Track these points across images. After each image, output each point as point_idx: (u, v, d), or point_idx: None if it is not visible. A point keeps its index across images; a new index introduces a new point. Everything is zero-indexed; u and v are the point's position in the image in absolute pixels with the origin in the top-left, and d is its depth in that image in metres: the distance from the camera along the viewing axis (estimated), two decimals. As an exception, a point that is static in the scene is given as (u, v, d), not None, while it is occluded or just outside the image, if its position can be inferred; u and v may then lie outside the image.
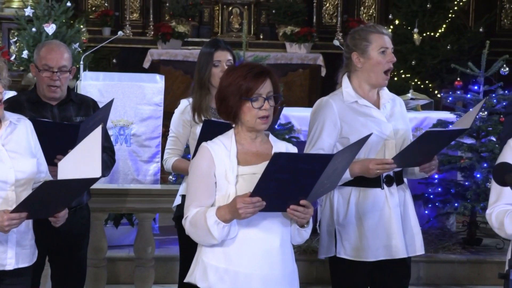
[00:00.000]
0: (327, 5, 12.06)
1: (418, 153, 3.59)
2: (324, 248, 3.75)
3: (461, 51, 10.82)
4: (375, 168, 3.53)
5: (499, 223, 3.16)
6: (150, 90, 6.33)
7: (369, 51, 3.67)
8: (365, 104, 3.70)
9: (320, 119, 3.67)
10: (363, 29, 3.74)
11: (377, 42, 3.67)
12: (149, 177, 6.37)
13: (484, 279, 6.04)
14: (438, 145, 3.73)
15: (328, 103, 3.69)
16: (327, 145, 3.65)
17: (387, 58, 3.69)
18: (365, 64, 3.69)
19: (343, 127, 3.66)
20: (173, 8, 11.44)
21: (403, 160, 3.58)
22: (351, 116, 3.67)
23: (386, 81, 3.72)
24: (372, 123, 3.67)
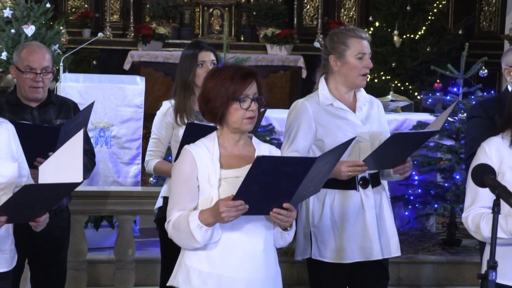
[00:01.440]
0: (308, 7, 12.09)
1: (389, 155, 3.60)
2: (300, 250, 3.76)
3: (441, 53, 10.89)
4: (346, 170, 3.55)
5: (476, 226, 3.18)
6: (130, 92, 6.31)
7: (346, 56, 3.68)
8: (340, 107, 3.71)
9: (295, 121, 3.69)
10: (342, 32, 3.74)
11: (355, 47, 3.67)
12: (130, 179, 6.35)
13: (463, 280, 6.08)
14: (410, 147, 3.73)
15: (304, 106, 3.70)
16: (302, 147, 3.67)
17: (363, 64, 3.69)
18: (341, 67, 3.70)
19: (318, 130, 3.67)
20: (153, 9, 11.42)
21: (375, 162, 3.59)
22: (326, 119, 3.68)
23: (364, 82, 3.73)
24: (347, 126, 3.68)
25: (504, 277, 3.11)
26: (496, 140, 3.24)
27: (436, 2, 11.18)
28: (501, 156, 3.19)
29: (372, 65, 3.73)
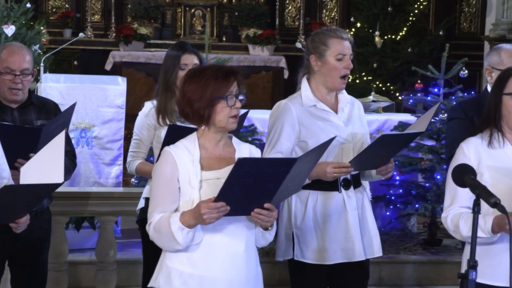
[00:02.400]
0: (290, 7, 12.11)
1: (374, 156, 3.62)
2: (281, 251, 3.76)
3: (422, 54, 10.95)
4: (332, 171, 3.55)
5: (455, 226, 3.20)
6: (112, 92, 6.29)
7: (326, 56, 3.68)
8: (323, 108, 3.72)
9: (279, 122, 3.69)
10: (323, 32, 3.74)
11: (335, 48, 3.67)
12: (111, 180, 6.33)
13: (444, 279, 6.12)
14: (394, 148, 3.75)
15: (287, 106, 3.70)
16: (285, 148, 3.67)
17: (343, 65, 3.69)
18: (322, 68, 3.71)
19: (302, 131, 3.68)
20: (135, 10, 11.39)
21: (360, 164, 3.60)
22: (310, 120, 3.69)
23: (343, 85, 3.74)
24: (330, 127, 3.69)
25: (484, 276, 3.13)
26: (475, 141, 3.26)
27: (417, 3, 11.23)
28: (480, 156, 3.21)
29: (352, 66, 3.73)
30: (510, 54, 4.12)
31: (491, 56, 4.19)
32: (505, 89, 3.22)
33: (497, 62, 4.11)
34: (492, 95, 3.29)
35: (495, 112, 3.24)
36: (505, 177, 3.16)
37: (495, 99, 3.25)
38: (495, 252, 3.14)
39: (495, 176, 3.17)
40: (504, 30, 9.30)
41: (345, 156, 3.67)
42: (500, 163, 3.19)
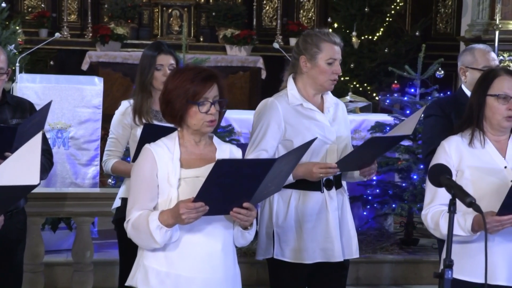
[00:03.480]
0: (267, 8, 12.12)
1: (360, 157, 3.63)
2: (262, 250, 3.76)
3: (398, 54, 11.00)
4: (318, 172, 3.56)
5: (435, 223, 3.23)
6: (88, 93, 6.26)
7: (318, 59, 3.68)
8: (310, 107, 3.72)
9: (264, 120, 3.67)
10: (316, 34, 3.71)
11: (327, 52, 3.67)
12: (88, 181, 6.29)
13: (420, 279, 6.15)
14: (380, 150, 3.78)
15: (274, 104, 3.69)
16: (270, 146, 3.66)
17: (333, 69, 3.69)
18: (311, 69, 3.70)
19: (287, 129, 3.67)
20: (111, 9, 11.34)
21: (346, 165, 3.62)
22: (296, 119, 3.68)
23: (332, 85, 3.74)
24: (316, 127, 3.69)
25: (462, 273, 3.17)
26: (456, 139, 3.29)
27: (394, 4, 11.29)
28: (461, 154, 3.24)
29: (340, 72, 3.74)
30: (483, 53, 4.19)
31: (465, 56, 4.25)
32: (489, 90, 3.24)
33: (471, 61, 4.17)
34: (475, 95, 3.31)
35: (479, 112, 3.27)
36: (486, 175, 3.19)
37: (478, 100, 3.27)
38: (476, 249, 3.17)
39: (476, 174, 3.20)
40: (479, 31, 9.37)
41: (329, 157, 3.67)
42: (481, 162, 3.22)
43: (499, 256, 3.15)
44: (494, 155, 3.25)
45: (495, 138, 3.28)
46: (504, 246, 3.16)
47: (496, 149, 3.26)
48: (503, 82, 3.23)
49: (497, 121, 3.24)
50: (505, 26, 9.08)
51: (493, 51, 4.33)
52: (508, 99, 3.21)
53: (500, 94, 3.22)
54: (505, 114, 3.22)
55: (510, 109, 3.21)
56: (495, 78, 3.25)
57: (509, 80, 3.24)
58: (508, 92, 3.22)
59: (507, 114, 3.22)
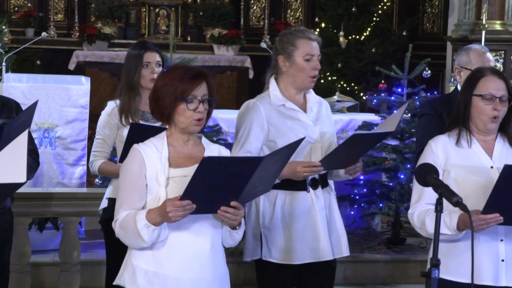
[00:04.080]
0: (255, 7, 12.12)
1: (344, 155, 3.63)
2: (249, 251, 3.76)
3: (385, 54, 11.03)
4: (302, 171, 3.56)
5: (421, 222, 3.24)
6: (75, 92, 6.24)
7: (295, 57, 3.68)
8: (292, 107, 3.72)
9: (247, 121, 3.68)
10: (292, 33, 3.74)
11: (304, 48, 3.68)
12: (75, 181, 6.27)
13: (407, 278, 6.16)
14: (364, 148, 3.78)
15: (256, 106, 3.69)
16: (254, 147, 3.66)
17: (311, 65, 3.70)
18: (290, 68, 3.71)
19: (270, 130, 3.67)
20: (98, 9, 11.32)
21: (330, 163, 3.62)
22: (278, 120, 3.68)
23: (312, 83, 3.75)
24: (299, 127, 3.69)
25: (449, 273, 3.18)
26: (443, 139, 3.30)
27: (381, 4, 11.32)
28: (447, 154, 3.25)
29: (320, 66, 3.74)
30: (478, 54, 4.23)
31: (461, 56, 4.29)
32: (475, 90, 3.26)
33: (465, 61, 4.21)
34: (461, 95, 3.33)
35: (464, 112, 3.28)
36: (472, 175, 3.20)
37: (464, 100, 3.29)
38: (461, 249, 3.18)
39: (462, 174, 3.21)
40: (466, 31, 9.41)
41: (314, 156, 3.68)
42: (468, 162, 3.24)
43: (485, 255, 3.17)
44: (481, 155, 3.26)
45: (482, 138, 3.30)
46: (489, 245, 3.17)
47: (483, 148, 3.28)
48: (488, 82, 3.25)
49: (483, 122, 3.25)
50: (492, 26, 9.12)
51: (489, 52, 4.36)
52: (493, 99, 3.22)
53: (485, 95, 3.23)
54: (491, 114, 3.23)
55: (495, 109, 3.22)
56: (481, 78, 3.26)
57: (495, 80, 3.25)
58: (494, 92, 3.23)
59: (493, 114, 3.22)
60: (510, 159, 3.24)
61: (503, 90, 3.24)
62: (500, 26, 9.28)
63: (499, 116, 3.24)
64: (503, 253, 3.18)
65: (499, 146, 3.30)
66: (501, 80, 3.26)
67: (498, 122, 3.25)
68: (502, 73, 3.38)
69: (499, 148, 3.29)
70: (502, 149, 3.29)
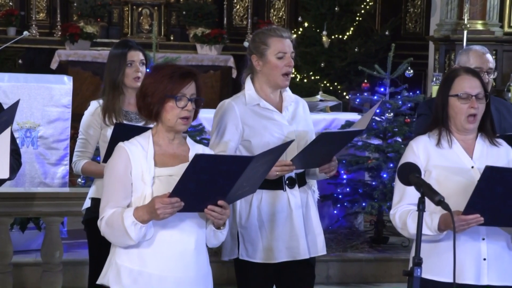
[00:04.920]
0: (238, 7, 12.12)
1: (316, 154, 3.64)
2: (227, 250, 3.76)
3: (368, 54, 11.06)
4: (274, 169, 3.56)
5: (402, 223, 3.25)
6: (57, 92, 6.21)
7: (267, 55, 3.70)
8: (267, 107, 3.73)
9: (222, 121, 3.69)
10: (263, 32, 3.76)
11: (276, 46, 3.69)
12: (57, 180, 6.24)
13: (390, 277, 6.19)
14: (336, 146, 3.78)
15: (230, 106, 3.71)
16: (229, 147, 3.67)
17: (284, 63, 3.71)
18: (263, 67, 3.72)
19: (245, 130, 3.69)
20: (81, 8, 11.27)
21: (302, 162, 3.62)
22: (253, 119, 3.70)
23: (286, 82, 3.75)
24: (274, 126, 3.70)
25: (431, 272, 3.19)
26: (424, 139, 3.32)
27: (364, 4, 11.35)
28: (428, 154, 3.27)
29: (293, 64, 3.75)
30: (478, 54, 4.32)
31: (461, 56, 4.39)
32: (450, 91, 3.27)
33: (465, 61, 4.29)
34: (439, 96, 3.35)
35: (442, 113, 3.30)
36: (453, 175, 3.22)
37: (442, 100, 3.31)
38: (443, 249, 3.20)
39: (443, 174, 3.23)
40: (448, 31, 9.47)
41: (290, 155, 3.68)
42: (449, 162, 3.25)
43: (467, 254, 3.18)
44: (461, 155, 3.28)
45: (462, 138, 3.31)
46: (470, 244, 3.19)
47: (463, 149, 3.29)
48: (463, 81, 3.26)
49: (460, 122, 3.27)
50: (473, 26, 9.18)
51: (489, 52, 4.43)
52: (469, 98, 3.24)
53: (461, 94, 3.25)
54: (468, 113, 3.24)
55: (472, 107, 3.24)
56: (455, 78, 3.28)
57: (469, 79, 3.27)
58: (469, 91, 3.25)
59: (470, 112, 3.24)
60: (490, 159, 3.26)
61: (478, 88, 3.26)
62: (481, 26, 9.35)
63: (477, 114, 3.25)
64: (485, 252, 3.20)
65: (479, 146, 3.32)
66: (476, 78, 3.28)
67: (477, 120, 3.27)
68: (476, 71, 3.41)
69: (480, 148, 3.31)
70: (483, 149, 3.31)
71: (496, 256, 3.21)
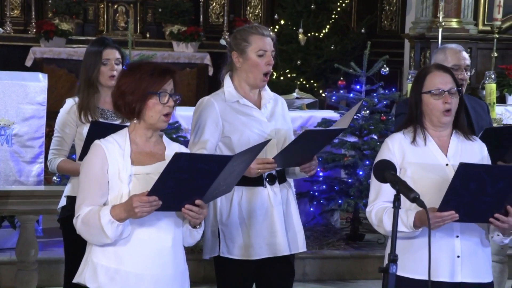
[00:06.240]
0: (214, 4, 12.10)
1: (298, 152, 3.65)
2: (208, 249, 3.76)
3: (344, 52, 11.09)
4: (256, 167, 3.57)
5: (378, 220, 3.26)
6: (32, 89, 6.16)
7: (248, 52, 3.71)
8: (246, 104, 3.74)
9: (202, 118, 3.70)
10: (245, 29, 3.78)
11: (257, 44, 3.70)
12: (32, 178, 6.20)
13: (366, 274, 6.22)
14: (318, 145, 3.79)
15: (210, 103, 3.71)
16: (209, 144, 3.67)
17: (265, 61, 3.72)
18: (243, 64, 3.73)
19: (225, 126, 3.69)
20: (56, 5, 11.19)
21: (284, 160, 3.63)
22: (233, 116, 3.70)
23: (263, 82, 3.76)
24: (254, 123, 3.71)
25: (405, 270, 3.20)
26: (399, 137, 3.34)
27: (340, 1, 11.38)
28: (404, 152, 3.29)
29: (273, 62, 3.76)
30: (454, 52, 4.38)
31: (437, 55, 4.42)
32: (423, 88, 3.30)
33: (442, 59, 4.33)
34: (412, 94, 3.37)
35: (417, 110, 3.32)
36: (428, 172, 3.24)
37: (415, 98, 3.33)
38: (417, 246, 3.21)
39: (418, 172, 3.24)
40: (423, 28, 9.52)
41: (269, 152, 3.69)
42: (423, 159, 3.27)
43: (441, 251, 3.20)
44: (436, 152, 3.30)
45: (437, 135, 3.33)
46: (445, 241, 3.21)
47: (438, 146, 3.31)
48: (434, 78, 3.29)
49: (436, 117, 3.29)
50: (448, 24, 9.24)
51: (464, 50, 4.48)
52: (442, 93, 3.26)
53: (433, 90, 3.27)
54: (442, 109, 3.26)
55: (446, 102, 3.26)
56: (427, 75, 3.30)
57: (440, 75, 3.29)
58: (441, 86, 3.27)
59: (444, 108, 3.26)
60: (465, 156, 3.28)
61: (450, 83, 3.28)
62: (456, 24, 9.41)
63: (451, 109, 3.28)
64: (459, 249, 3.22)
65: (454, 143, 3.34)
66: (447, 74, 3.30)
67: (452, 115, 3.29)
68: (447, 67, 3.44)
69: (454, 145, 3.33)
70: (457, 145, 3.33)
71: (470, 253, 3.23)
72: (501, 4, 8.82)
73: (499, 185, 3.03)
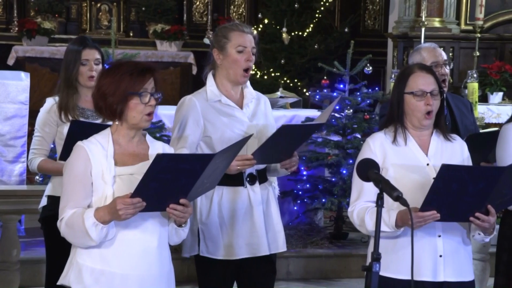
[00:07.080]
0: (197, 3, 12.09)
1: (277, 148, 3.65)
2: (187, 247, 3.76)
3: (328, 51, 11.12)
4: (235, 164, 3.56)
5: (360, 220, 3.26)
6: (14, 88, 6.13)
7: (228, 48, 3.71)
8: (228, 103, 3.74)
9: (183, 117, 3.69)
10: (226, 26, 3.79)
11: (236, 40, 3.71)
12: (14, 178, 6.18)
13: (350, 272, 6.23)
14: (296, 140, 3.79)
15: (192, 102, 3.71)
16: (190, 143, 3.67)
17: (244, 57, 3.72)
18: (223, 61, 3.74)
19: (206, 126, 3.69)
20: (38, 3, 11.14)
21: (263, 156, 3.62)
22: (214, 115, 3.70)
23: (244, 78, 3.76)
24: (235, 122, 3.71)
25: (388, 270, 3.21)
26: (380, 136, 3.34)
27: (323, 0, 11.40)
28: (385, 152, 3.29)
29: (253, 58, 3.76)
30: (429, 50, 4.41)
31: (414, 56, 4.43)
32: (405, 88, 3.29)
33: (419, 60, 4.36)
34: (394, 93, 3.37)
35: (398, 110, 3.32)
36: (409, 172, 3.24)
37: (397, 97, 3.32)
38: (400, 246, 3.22)
39: (400, 171, 3.25)
40: (406, 28, 9.55)
41: (250, 150, 3.68)
42: (404, 160, 3.27)
43: (423, 251, 3.21)
44: (417, 152, 3.30)
45: (417, 135, 3.33)
46: (427, 241, 3.21)
47: (419, 146, 3.32)
48: (417, 78, 3.28)
49: (417, 119, 3.29)
50: (431, 23, 9.28)
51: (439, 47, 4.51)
52: (424, 95, 3.26)
53: (416, 91, 3.27)
54: (424, 110, 3.26)
55: (428, 104, 3.26)
56: (410, 76, 3.30)
57: (423, 76, 3.29)
58: (423, 88, 3.27)
59: (426, 109, 3.26)
60: (445, 155, 3.29)
61: (433, 84, 3.28)
62: (439, 23, 9.45)
63: (433, 111, 3.28)
64: (441, 249, 3.23)
65: (435, 142, 3.34)
66: (430, 75, 3.30)
67: (432, 117, 3.30)
68: (430, 67, 3.44)
69: (435, 145, 3.34)
70: (437, 145, 3.34)
71: (452, 252, 3.24)
72: (483, 3, 8.87)
73: (480, 185, 3.05)
